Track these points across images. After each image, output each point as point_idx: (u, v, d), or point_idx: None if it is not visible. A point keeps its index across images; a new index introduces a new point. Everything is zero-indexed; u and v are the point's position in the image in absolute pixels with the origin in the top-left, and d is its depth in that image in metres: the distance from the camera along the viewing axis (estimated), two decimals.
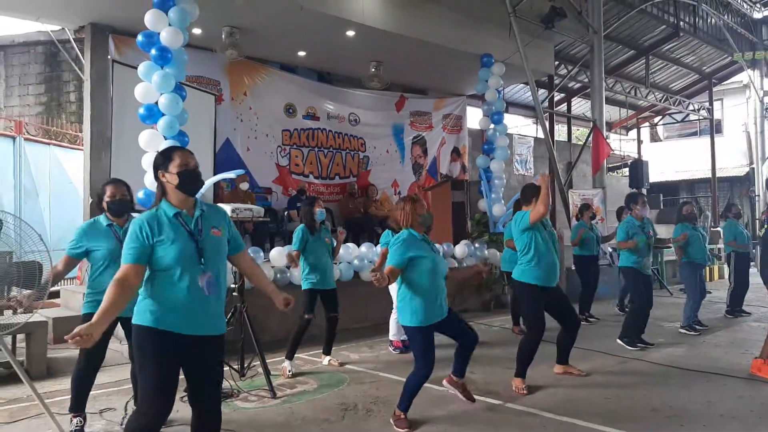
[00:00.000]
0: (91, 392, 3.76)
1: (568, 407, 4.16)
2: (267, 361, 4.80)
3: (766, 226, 4.87)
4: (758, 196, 18.53)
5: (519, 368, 4.65)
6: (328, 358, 5.48)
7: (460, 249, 8.50)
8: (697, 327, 7.02)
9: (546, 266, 4.59)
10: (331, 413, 4.09)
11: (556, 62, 13.12)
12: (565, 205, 10.86)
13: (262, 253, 6.78)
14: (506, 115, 11.00)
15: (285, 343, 5.28)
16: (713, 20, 15.99)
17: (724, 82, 19.71)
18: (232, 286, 4.74)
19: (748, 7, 17.42)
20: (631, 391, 4.57)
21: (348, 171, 10.58)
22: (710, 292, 9.22)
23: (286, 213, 8.97)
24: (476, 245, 8.96)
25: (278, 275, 6.59)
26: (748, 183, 19.53)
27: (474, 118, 12.10)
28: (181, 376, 2.53)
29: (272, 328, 6.25)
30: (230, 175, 5.77)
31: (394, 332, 6.05)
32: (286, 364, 5.10)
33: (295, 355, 5.28)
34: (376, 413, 4.08)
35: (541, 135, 13.79)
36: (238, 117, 9.15)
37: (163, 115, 6.26)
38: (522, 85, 14.80)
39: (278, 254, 6.72)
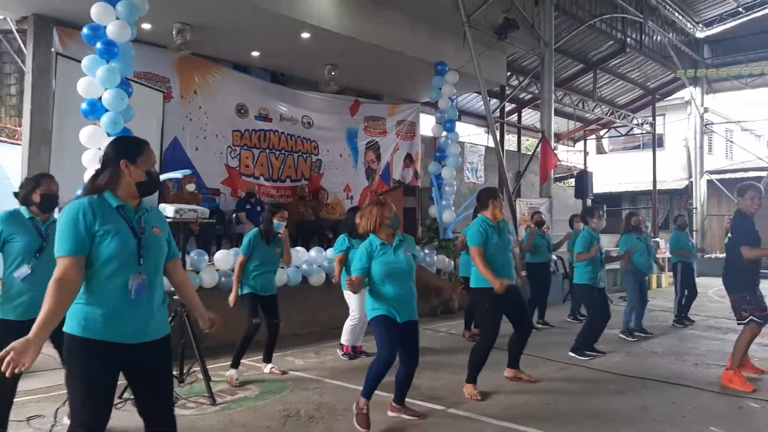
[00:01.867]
0: (20, 399, 3.57)
1: (510, 412, 4.22)
2: (208, 366, 4.69)
3: (728, 235, 5.07)
4: (696, 208, 19.36)
5: (470, 374, 4.68)
6: (269, 366, 5.34)
7: None
8: (636, 333, 7.27)
9: (500, 270, 4.62)
10: (272, 420, 4.02)
11: (508, 73, 13.40)
12: (513, 213, 11.06)
13: (207, 256, 6.63)
14: (458, 124, 11.14)
15: (228, 348, 5.17)
16: (658, 38, 16.66)
17: (667, 98, 20.54)
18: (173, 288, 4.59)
19: (692, 26, 18.22)
20: (571, 397, 4.68)
21: (300, 174, 10.49)
22: (648, 300, 9.54)
23: (234, 215, 8.82)
24: (426, 251, 9.03)
25: (223, 278, 6.45)
26: (687, 196, 20.38)
27: (427, 125, 12.21)
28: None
29: (214, 333, 6.08)
30: (176, 175, 5.63)
31: (346, 338, 5.99)
32: (233, 372, 4.96)
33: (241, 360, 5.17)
34: (318, 419, 4.04)
35: (492, 144, 14.03)
36: (187, 116, 8.94)
37: (106, 110, 6.05)
38: (475, 94, 15.04)
39: (223, 257, 6.59)
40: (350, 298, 5.84)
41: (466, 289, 4.99)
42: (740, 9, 17.65)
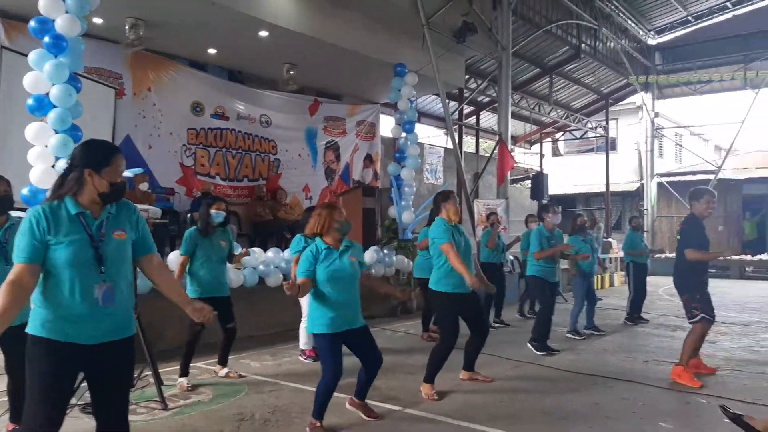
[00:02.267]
0: None
1: (465, 412, 4.25)
2: (160, 370, 4.58)
3: (678, 236, 5.23)
4: (647, 210, 19.97)
5: (428, 374, 4.69)
6: (225, 369, 5.23)
7: (369, 255, 8.53)
8: (585, 331, 7.43)
9: (458, 273, 4.64)
10: (225, 424, 3.95)
11: (467, 76, 13.55)
12: (471, 214, 11.18)
13: (160, 257, 6.47)
14: (418, 125, 11.19)
15: (181, 351, 5.04)
16: (612, 44, 17.12)
17: (620, 103, 21.15)
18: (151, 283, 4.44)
19: (644, 33, 18.81)
20: (525, 395, 4.75)
21: (257, 173, 10.36)
22: (600, 299, 9.81)
23: (189, 215, 8.63)
24: (385, 251, 9.03)
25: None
26: (638, 198, 21.01)
27: (387, 126, 12.24)
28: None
29: (169, 335, 5.96)
30: (127, 173, 5.46)
31: (304, 341, 5.94)
32: (183, 380, 4.82)
33: (192, 364, 5.05)
34: (273, 423, 3.98)
35: (450, 146, 14.16)
36: (140, 113, 8.72)
37: (54, 107, 5.83)
38: (434, 96, 15.16)
39: (176, 257, 6.41)
40: (303, 300, 5.78)
41: (424, 290, 5.01)
42: (690, 18, 18.32)
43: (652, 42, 19.33)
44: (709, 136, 25.70)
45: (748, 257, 17.83)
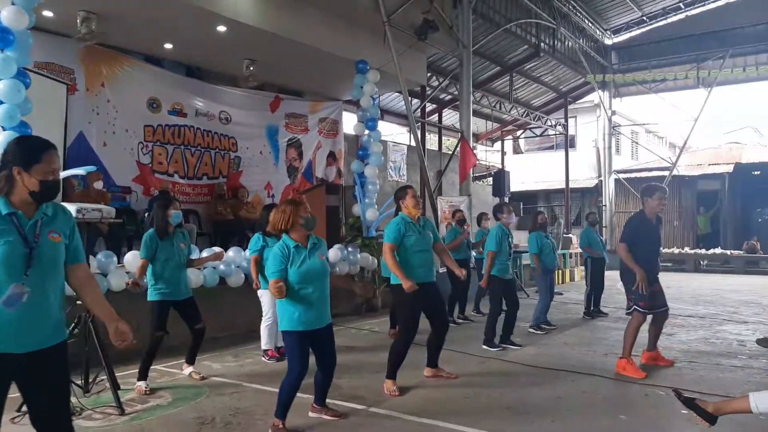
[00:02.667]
0: None
1: (430, 409, 4.24)
2: (117, 374, 4.44)
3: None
4: (605, 206, 20.42)
5: (390, 370, 4.68)
6: (190, 368, 5.13)
7: (334, 253, 8.46)
8: (544, 326, 7.53)
9: (417, 268, 4.65)
10: (185, 428, 3.85)
11: (429, 74, 13.58)
12: (434, 210, 11.22)
13: (116, 258, 6.28)
14: (381, 123, 11.16)
15: (138, 354, 4.88)
16: (570, 43, 17.42)
17: (578, 101, 21.56)
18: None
19: (601, 33, 19.20)
20: (489, 390, 4.77)
21: (217, 171, 10.16)
22: (560, 294, 9.98)
23: (146, 214, 8.40)
24: (349, 249, 8.98)
25: None
26: (597, 194, 21.47)
27: (350, 123, 12.17)
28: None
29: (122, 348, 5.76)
30: (79, 171, 5.27)
31: (266, 341, 5.84)
32: (141, 384, 4.68)
33: (151, 367, 4.90)
34: (235, 425, 3.90)
35: (413, 143, 14.19)
36: (93, 109, 8.44)
37: (1, 103, 5.59)
38: (396, 93, 15.16)
39: (134, 258, 6.23)
40: (263, 298, 5.69)
41: (389, 287, 4.98)
42: (645, 18, 18.78)
43: (608, 41, 19.74)
44: (664, 133, 26.44)
45: (703, 251, 18.41)
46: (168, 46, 8.93)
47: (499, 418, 4.11)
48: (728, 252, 17.96)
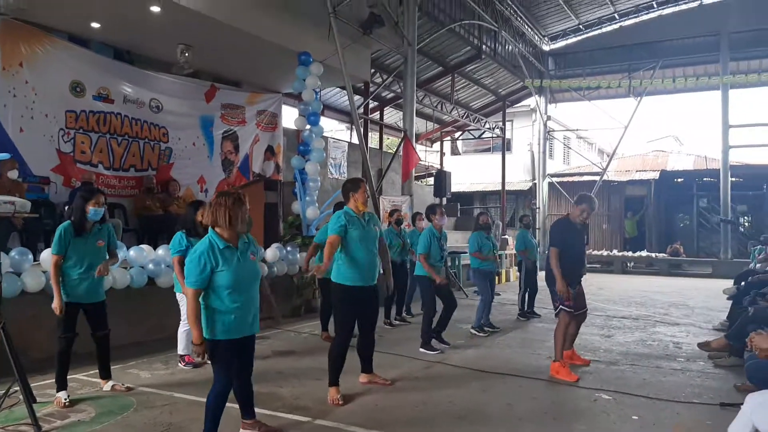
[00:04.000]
0: None
1: (378, 418, 4.02)
2: (32, 385, 3.95)
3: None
4: (539, 208, 20.89)
5: (331, 376, 4.46)
6: (110, 382, 4.62)
7: (272, 252, 8.09)
8: (487, 329, 7.47)
9: (361, 266, 4.47)
10: None
11: (372, 70, 13.35)
12: (376, 210, 11.00)
13: (31, 255, 5.69)
14: (322, 118, 10.83)
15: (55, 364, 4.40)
16: (510, 47, 17.66)
17: (515, 105, 21.96)
18: None
19: (539, 39, 19.60)
20: (437, 397, 4.58)
21: (146, 163, 9.51)
22: (499, 294, 10.02)
23: (66, 207, 7.72)
24: (288, 249, 8.62)
25: (50, 281, 5.54)
26: (531, 197, 21.94)
27: (290, 117, 11.77)
28: None
29: (41, 343, 5.19)
30: None
31: (183, 346, 5.44)
32: (60, 395, 4.22)
33: (72, 376, 4.42)
34: None
35: (355, 141, 13.93)
36: (10, 91, 7.66)
37: None
38: (338, 89, 14.86)
39: (50, 256, 5.67)
40: (182, 301, 5.27)
41: (329, 285, 4.76)
42: (581, 27, 19.32)
43: (546, 48, 20.18)
44: (594, 139, 27.40)
45: (629, 254, 19.14)
46: (95, 25, 8.24)
47: (452, 428, 3.92)
48: (653, 255, 18.74)
